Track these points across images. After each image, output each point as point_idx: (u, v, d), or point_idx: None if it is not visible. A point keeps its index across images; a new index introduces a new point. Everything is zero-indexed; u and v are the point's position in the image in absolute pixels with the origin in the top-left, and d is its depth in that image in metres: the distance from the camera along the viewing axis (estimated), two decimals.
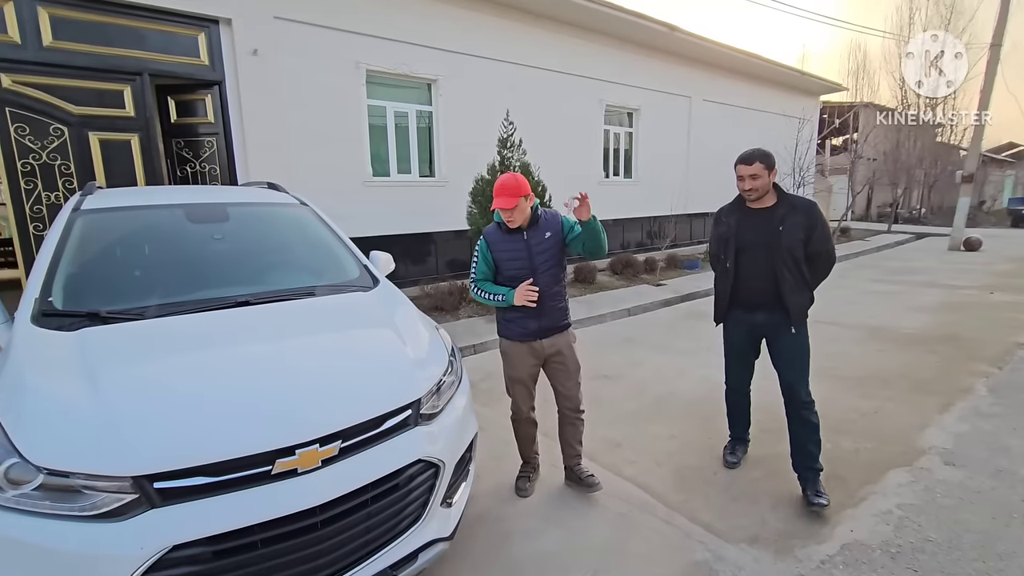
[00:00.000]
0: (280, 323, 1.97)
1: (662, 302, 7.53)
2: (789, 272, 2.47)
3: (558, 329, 2.57)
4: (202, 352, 1.76)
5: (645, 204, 10.66)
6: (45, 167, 5.05)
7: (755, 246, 2.56)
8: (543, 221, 2.49)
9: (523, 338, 2.53)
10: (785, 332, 2.55)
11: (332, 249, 2.66)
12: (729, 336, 2.82)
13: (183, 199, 2.61)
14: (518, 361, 2.58)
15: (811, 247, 2.46)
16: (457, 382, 2.05)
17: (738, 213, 2.64)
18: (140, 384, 1.57)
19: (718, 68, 11.61)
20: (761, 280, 2.56)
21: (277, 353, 1.78)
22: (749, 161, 2.48)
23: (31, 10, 4.81)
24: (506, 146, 6.59)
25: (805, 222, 2.45)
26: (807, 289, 2.52)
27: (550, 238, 2.47)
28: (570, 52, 8.87)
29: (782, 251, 2.46)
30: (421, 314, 2.36)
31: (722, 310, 2.76)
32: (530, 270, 2.44)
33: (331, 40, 6.39)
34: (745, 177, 2.51)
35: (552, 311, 2.51)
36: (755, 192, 2.50)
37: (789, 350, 2.57)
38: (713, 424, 3.47)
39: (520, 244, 2.44)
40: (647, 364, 4.80)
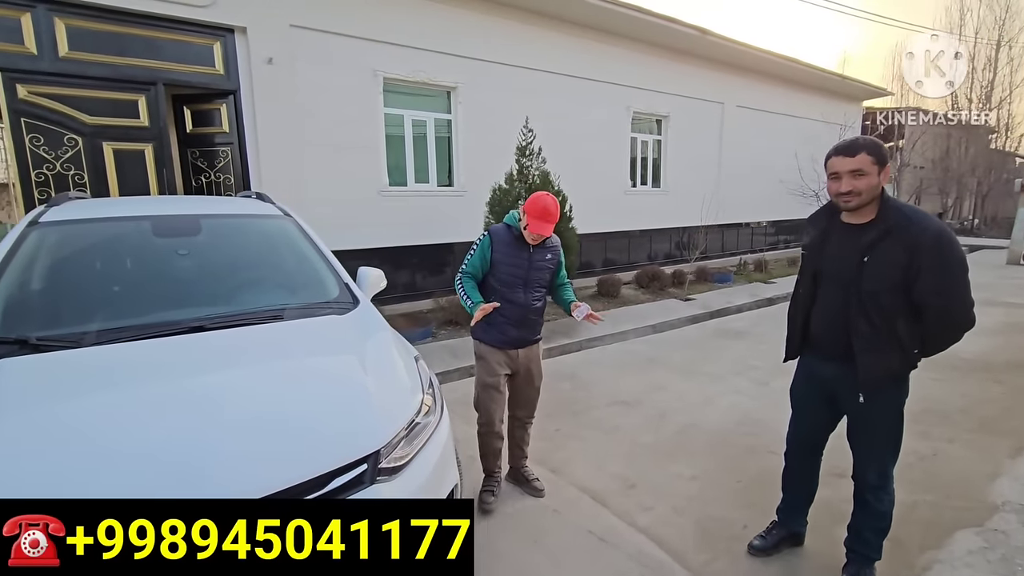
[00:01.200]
0: (229, 353, 1.73)
1: (689, 319, 7.10)
2: (867, 322, 1.83)
3: (532, 341, 2.69)
4: (123, 389, 1.53)
5: (674, 214, 10.23)
6: (59, 177, 5.03)
7: (833, 279, 1.95)
8: (549, 242, 2.61)
9: (501, 344, 2.59)
10: (853, 399, 1.96)
11: (311, 265, 2.42)
12: (796, 381, 2.25)
13: (155, 211, 2.42)
14: (494, 367, 2.62)
15: (916, 295, 1.77)
16: (435, 423, 1.76)
17: (826, 223, 2.01)
18: (27, 428, 1.33)
19: (753, 73, 11.12)
20: (831, 322, 1.96)
21: (214, 391, 1.54)
22: (851, 151, 1.79)
23: (47, 21, 4.81)
24: (525, 154, 6.32)
25: (904, 258, 1.74)
26: (898, 350, 1.84)
27: (549, 260, 2.62)
28: (596, 58, 8.57)
29: (861, 294, 1.82)
30: (401, 341, 2.09)
31: (792, 346, 2.17)
32: (523, 282, 2.54)
33: (348, 48, 6.27)
34: (843, 175, 1.81)
35: (533, 324, 2.64)
36: (855, 198, 1.81)
37: (857, 422, 2.01)
38: (742, 464, 3.08)
39: (524, 256, 2.54)
40: (670, 389, 4.41)
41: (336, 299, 2.26)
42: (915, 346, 1.88)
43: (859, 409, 1.98)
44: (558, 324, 6.46)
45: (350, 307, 2.21)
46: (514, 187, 6.24)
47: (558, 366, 5.17)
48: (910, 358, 1.89)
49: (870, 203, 1.84)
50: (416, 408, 1.69)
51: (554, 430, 3.61)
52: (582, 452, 3.29)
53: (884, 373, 1.87)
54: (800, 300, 2.12)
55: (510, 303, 2.52)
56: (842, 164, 1.82)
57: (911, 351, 1.88)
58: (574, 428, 3.65)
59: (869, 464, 2.03)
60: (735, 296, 8.38)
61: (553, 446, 3.37)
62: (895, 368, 1.88)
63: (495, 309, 2.49)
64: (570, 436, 3.52)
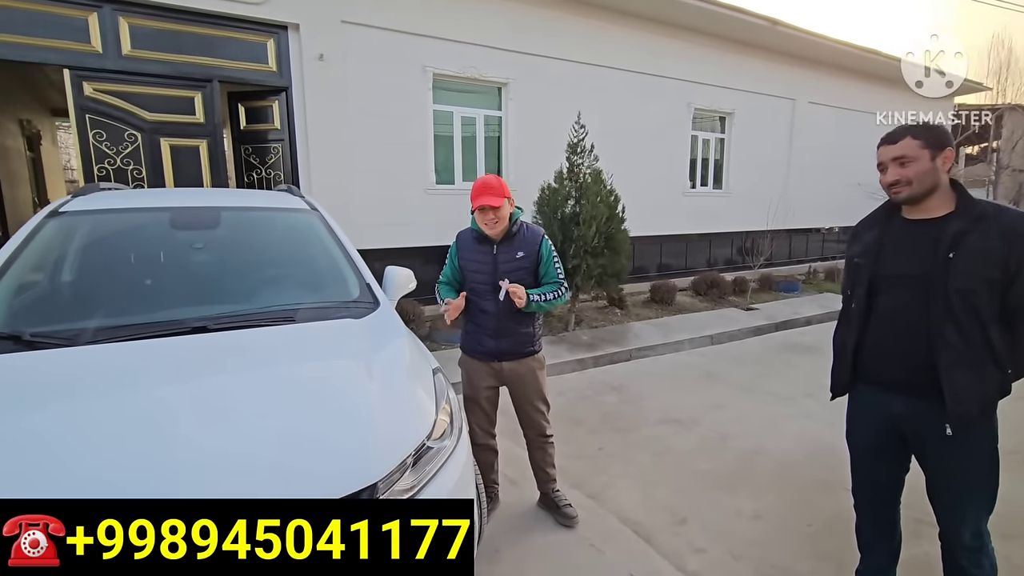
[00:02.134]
0: (225, 360, 1.56)
1: (752, 330, 6.56)
2: (957, 331, 1.50)
3: (519, 355, 2.37)
4: (96, 398, 1.38)
5: (736, 217, 9.60)
6: (119, 171, 5.18)
7: (902, 282, 1.61)
8: (519, 238, 2.29)
9: (479, 356, 2.37)
10: (938, 435, 1.57)
11: (333, 263, 2.25)
12: (853, 424, 1.85)
13: (178, 202, 2.32)
14: (474, 379, 2.40)
15: (1014, 297, 1.49)
16: (450, 448, 1.52)
17: (883, 225, 1.71)
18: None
19: (827, 66, 10.29)
20: (905, 340, 1.60)
21: (192, 405, 1.36)
22: (893, 138, 1.60)
23: (112, 20, 4.96)
24: (576, 151, 6.02)
25: (1002, 249, 1.46)
26: (993, 367, 1.51)
27: (522, 259, 2.28)
28: (654, 51, 8.14)
29: (949, 294, 1.50)
30: (420, 350, 1.87)
31: (840, 378, 1.81)
32: (491, 287, 2.25)
33: (398, 44, 6.19)
34: (887, 164, 1.61)
35: (513, 334, 2.31)
36: (904, 188, 1.58)
37: (940, 467, 1.63)
38: (814, 503, 2.66)
39: (487, 257, 2.28)
40: (729, 408, 3.99)
41: (356, 300, 2.07)
42: (1010, 364, 1.54)
43: (943, 450, 1.60)
44: (606, 331, 6.12)
45: (369, 309, 2.01)
46: (564, 186, 5.95)
47: (604, 376, 4.85)
48: (1005, 380, 1.55)
49: (931, 193, 1.58)
50: (427, 430, 1.45)
51: (596, 449, 3.30)
52: (626, 476, 2.97)
53: (979, 398, 1.51)
54: (851, 318, 1.75)
55: (482, 312, 2.29)
56: (885, 153, 1.63)
57: (1006, 369, 1.53)
58: (619, 448, 3.33)
59: (960, 521, 1.63)
60: (803, 307, 7.72)
61: (594, 467, 3.06)
62: (989, 392, 1.53)
63: (468, 317, 2.31)
64: (614, 457, 3.20)
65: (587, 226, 5.58)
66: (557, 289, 2.30)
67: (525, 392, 2.42)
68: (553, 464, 2.58)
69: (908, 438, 1.68)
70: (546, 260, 2.31)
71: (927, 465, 1.68)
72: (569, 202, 5.95)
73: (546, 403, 2.50)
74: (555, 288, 2.30)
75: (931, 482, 1.68)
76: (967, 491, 1.61)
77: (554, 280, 2.32)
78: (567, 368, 5.10)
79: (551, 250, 2.33)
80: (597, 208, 5.64)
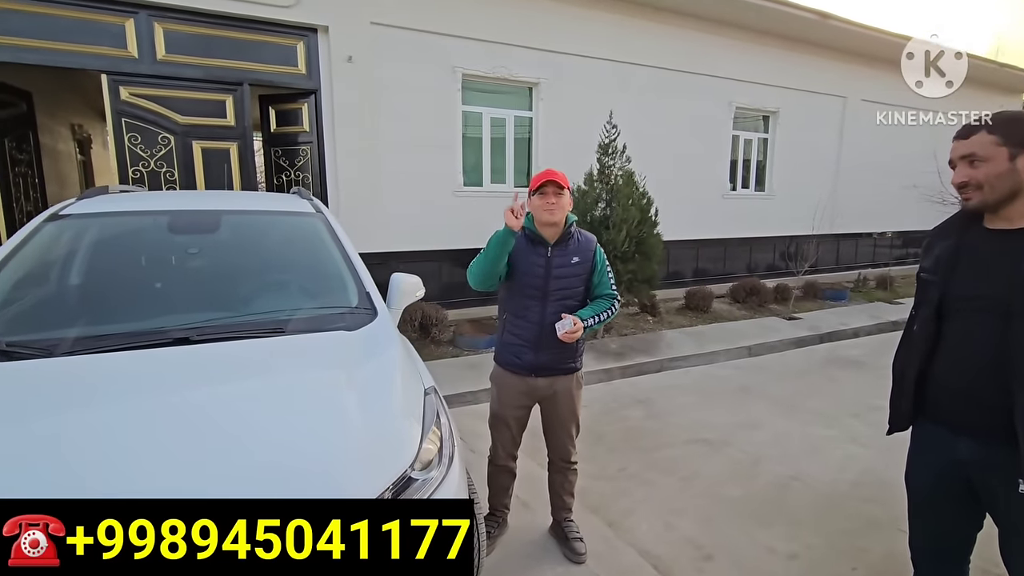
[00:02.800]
0: (199, 376, 1.47)
1: (794, 341, 6.16)
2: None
3: (561, 371, 2.17)
4: (59, 415, 1.29)
5: (780, 221, 9.12)
6: (152, 174, 5.29)
7: (976, 304, 1.36)
8: (574, 242, 2.10)
9: (515, 369, 2.14)
10: (1009, 488, 1.31)
11: (333, 269, 2.13)
12: (913, 465, 1.59)
13: (181, 205, 2.27)
14: (505, 396, 2.20)
15: None
16: (438, 479, 1.36)
17: (959, 235, 1.45)
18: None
19: (881, 62, 9.64)
20: (976, 374, 1.35)
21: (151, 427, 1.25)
22: (964, 133, 1.36)
23: (148, 25, 5.06)
24: (607, 152, 5.79)
25: None
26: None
27: (576, 264, 2.08)
28: (693, 48, 7.81)
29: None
30: (413, 367, 1.71)
31: (900, 411, 1.57)
32: (540, 293, 2.05)
33: (426, 44, 6.12)
34: (956, 163, 1.38)
35: (556, 347, 2.07)
36: (974, 193, 1.34)
37: (1016, 527, 1.36)
38: (860, 542, 2.38)
39: (540, 260, 2.06)
40: (765, 428, 3.69)
41: (354, 308, 1.95)
42: None
43: (1018, 508, 1.32)
44: (636, 339, 5.86)
45: (366, 320, 1.88)
46: (594, 188, 5.74)
47: (630, 388, 4.61)
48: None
49: (1013, 199, 1.32)
50: (407, 461, 1.30)
51: (617, 469, 3.08)
52: (649, 502, 2.75)
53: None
54: (915, 343, 1.49)
55: (523, 319, 2.08)
56: (955, 150, 1.40)
57: None
58: (642, 469, 3.10)
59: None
60: (851, 317, 7.24)
61: (614, 490, 2.85)
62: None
63: (505, 325, 2.11)
64: (636, 479, 2.98)
65: (617, 230, 5.35)
66: (611, 305, 2.13)
67: (559, 413, 2.23)
68: (572, 492, 2.39)
69: (979, 486, 1.41)
70: (600, 269, 2.14)
71: (1000, 523, 1.41)
72: (599, 204, 5.73)
73: (577, 426, 2.32)
74: (609, 304, 2.13)
75: (1004, 541, 1.41)
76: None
77: (608, 292, 2.15)
78: (592, 379, 4.87)
79: (604, 258, 2.18)
80: (628, 211, 5.40)
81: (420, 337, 5.47)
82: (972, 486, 1.43)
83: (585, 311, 2.06)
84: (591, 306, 2.10)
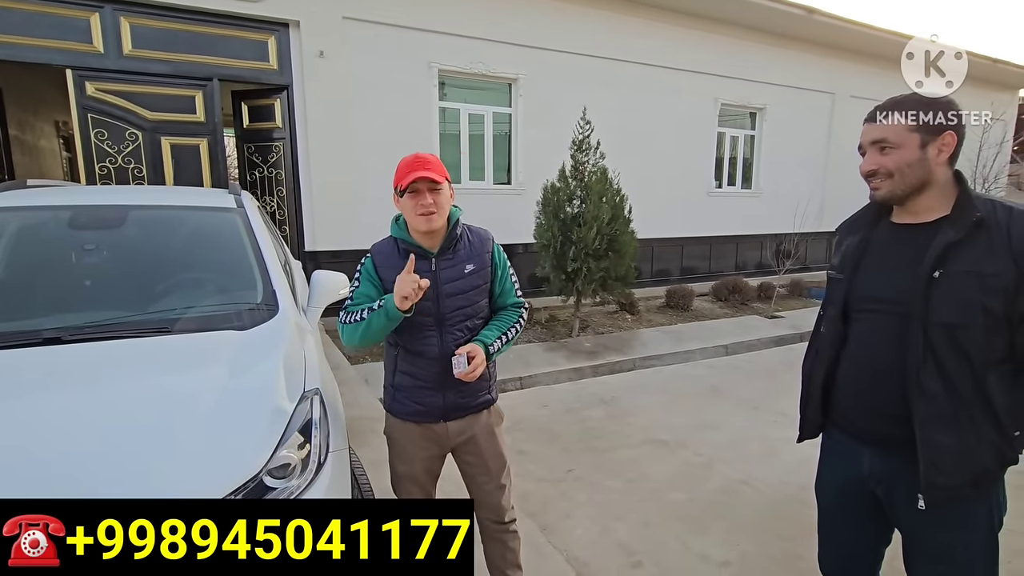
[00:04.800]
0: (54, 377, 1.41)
1: (773, 340, 6.10)
2: (940, 377, 1.15)
3: (472, 408, 1.69)
4: None
5: (767, 219, 9.02)
6: (120, 170, 5.24)
7: (878, 306, 1.27)
8: (464, 245, 1.64)
9: (417, 418, 1.65)
10: (910, 503, 1.22)
11: (240, 267, 2.07)
12: (820, 479, 1.50)
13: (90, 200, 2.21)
14: (408, 451, 1.69)
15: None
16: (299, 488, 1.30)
17: (868, 230, 1.37)
18: None
19: (871, 57, 9.53)
20: (877, 382, 1.27)
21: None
22: (875, 116, 1.25)
23: (114, 20, 5.01)
24: (581, 149, 5.71)
25: (1009, 269, 1.11)
26: (990, 427, 1.15)
27: (472, 274, 1.62)
28: (676, 44, 7.71)
29: (929, 328, 1.16)
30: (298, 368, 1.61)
31: (809, 419, 1.47)
32: (435, 319, 1.58)
33: (401, 39, 6.05)
34: (867, 148, 1.26)
35: (464, 383, 1.60)
36: (883, 182, 1.23)
37: (917, 545, 1.29)
38: (799, 551, 2.32)
39: (425, 275, 1.52)
40: (724, 429, 3.63)
41: (255, 307, 1.89)
42: (1018, 424, 1.17)
43: (919, 526, 1.26)
44: (611, 338, 5.80)
45: (264, 318, 1.82)
46: (568, 184, 5.66)
47: (598, 387, 4.55)
48: (1010, 445, 1.17)
49: (921, 191, 1.22)
50: (259, 464, 1.25)
51: (565, 471, 3.03)
52: (589, 506, 2.69)
53: (965, 466, 1.16)
54: (822, 347, 1.41)
55: (419, 356, 1.61)
56: (865, 134, 1.27)
57: (1011, 432, 1.16)
58: (590, 471, 3.05)
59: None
60: None
61: (557, 493, 2.79)
62: (984, 460, 1.17)
63: (396, 367, 1.65)
64: (581, 481, 2.93)
65: (588, 227, 5.27)
66: (519, 318, 1.71)
67: (479, 460, 1.73)
68: (518, 564, 1.84)
69: (883, 500, 1.34)
70: (501, 273, 1.69)
71: (904, 541, 1.35)
72: (574, 201, 5.66)
73: (508, 474, 1.80)
74: (516, 317, 1.70)
75: (908, 563, 1.35)
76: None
77: (514, 301, 1.72)
78: (562, 377, 4.83)
79: (506, 258, 1.73)
80: (600, 208, 5.32)
81: None
82: (878, 500, 1.36)
83: (488, 332, 1.62)
84: (493, 323, 1.67)
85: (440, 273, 1.59)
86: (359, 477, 1.75)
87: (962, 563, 1.24)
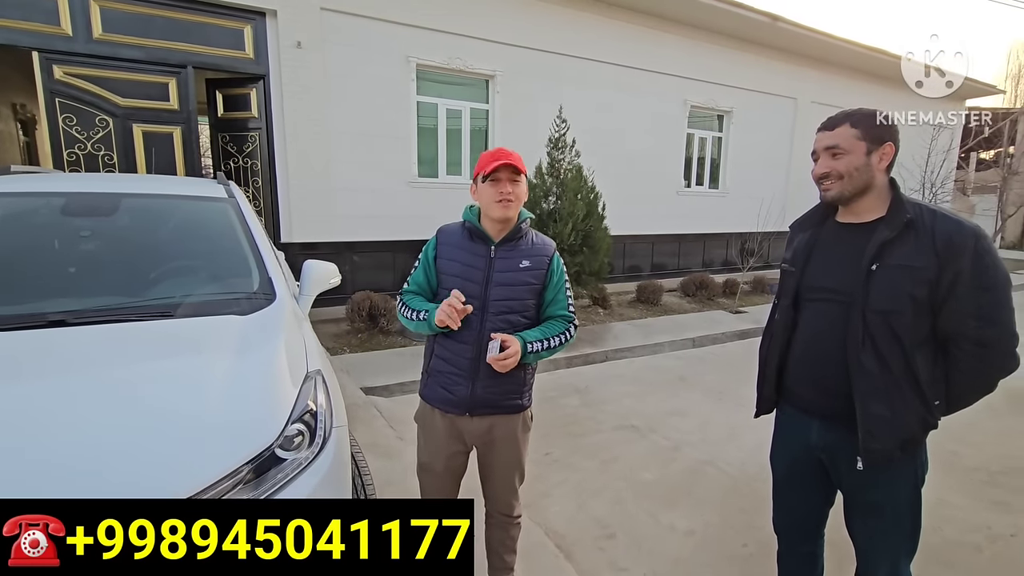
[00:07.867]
0: (62, 357, 1.47)
1: (737, 333, 6.38)
2: (875, 357, 1.34)
3: (501, 409, 1.67)
4: None
5: (734, 218, 9.38)
6: (89, 157, 5.13)
7: (825, 296, 1.46)
8: (527, 243, 1.67)
9: (444, 407, 1.67)
10: (849, 469, 1.44)
11: (235, 255, 2.13)
12: (775, 447, 1.70)
13: (80, 187, 2.23)
14: (433, 441, 1.73)
15: (945, 321, 1.32)
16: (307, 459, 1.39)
17: (816, 228, 1.56)
18: None
19: (831, 65, 10.01)
20: (823, 362, 1.45)
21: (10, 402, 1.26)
22: (830, 124, 1.43)
23: (83, 2, 4.90)
24: (557, 147, 5.87)
25: (931, 264, 1.29)
26: (916, 399, 1.35)
27: (525, 270, 1.63)
28: (650, 46, 7.94)
29: (867, 314, 1.35)
30: (300, 349, 1.71)
31: (764, 397, 1.66)
32: (479, 302, 1.58)
33: (380, 32, 6.07)
34: (820, 154, 1.44)
35: (495, 377, 1.60)
36: (834, 184, 1.41)
37: (856, 502, 1.50)
38: (755, 521, 2.52)
39: (480, 260, 1.61)
40: (692, 415, 3.85)
41: (252, 293, 1.96)
42: (937, 395, 1.38)
43: (858, 486, 1.47)
44: (585, 331, 5.97)
45: (262, 305, 1.90)
46: (544, 181, 5.81)
47: (573, 377, 4.72)
48: (931, 413, 1.38)
49: (864, 193, 1.41)
50: (272, 436, 1.34)
51: (543, 454, 3.17)
52: (566, 485, 2.85)
53: (896, 433, 1.36)
54: (776, 332, 1.60)
55: (454, 339, 1.62)
56: (819, 141, 1.46)
57: (932, 402, 1.38)
58: (567, 454, 3.21)
59: (876, 561, 1.51)
60: None
61: (535, 474, 2.92)
62: (912, 427, 1.37)
63: (432, 349, 1.69)
64: (558, 464, 3.08)
65: (563, 224, 5.44)
66: (566, 329, 1.67)
67: (500, 462, 1.75)
68: (514, 549, 1.93)
69: (828, 466, 1.54)
70: (556, 281, 1.68)
71: (845, 497, 1.55)
72: (550, 198, 5.81)
73: (522, 475, 1.85)
74: (564, 327, 1.66)
75: (848, 515, 1.55)
76: (883, 533, 1.48)
77: (563, 313, 1.68)
78: (539, 368, 4.97)
79: (563, 270, 1.72)
80: (575, 205, 5.49)
81: (369, 327, 5.47)
82: (823, 466, 1.55)
83: (531, 333, 1.61)
84: (541, 327, 1.65)
85: (496, 261, 1.63)
86: (356, 455, 1.85)
87: (893, 516, 1.45)
